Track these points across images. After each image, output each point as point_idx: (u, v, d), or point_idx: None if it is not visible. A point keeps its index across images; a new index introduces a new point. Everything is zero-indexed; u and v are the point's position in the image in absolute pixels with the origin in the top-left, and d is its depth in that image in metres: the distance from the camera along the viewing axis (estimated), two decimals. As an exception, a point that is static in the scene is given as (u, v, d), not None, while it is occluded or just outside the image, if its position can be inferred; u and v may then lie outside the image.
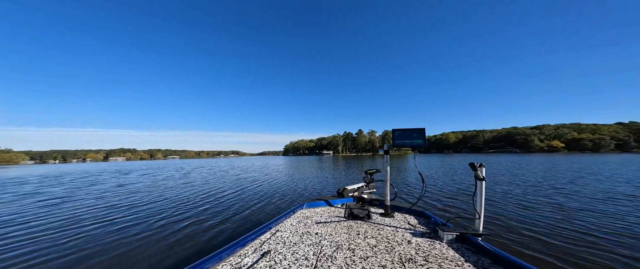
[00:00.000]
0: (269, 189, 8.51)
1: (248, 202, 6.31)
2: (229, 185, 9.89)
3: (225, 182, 11.08)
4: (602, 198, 5.74)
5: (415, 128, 2.21)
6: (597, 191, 6.55)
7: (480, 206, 1.76)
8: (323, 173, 14.19)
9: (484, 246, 1.58)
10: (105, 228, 4.32)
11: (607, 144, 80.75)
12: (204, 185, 10.07)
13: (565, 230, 3.59)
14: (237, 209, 5.48)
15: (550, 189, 7.11)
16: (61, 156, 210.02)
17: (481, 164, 1.76)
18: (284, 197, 6.79)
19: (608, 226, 3.74)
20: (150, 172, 18.93)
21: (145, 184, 11.09)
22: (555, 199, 5.77)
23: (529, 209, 4.83)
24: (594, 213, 4.46)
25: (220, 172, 17.01)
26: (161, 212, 5.45)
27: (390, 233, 1.94)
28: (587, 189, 6.96)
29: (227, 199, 6.90)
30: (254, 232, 1.90)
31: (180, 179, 12.79)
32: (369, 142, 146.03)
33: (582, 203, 5.33)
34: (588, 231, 3.50)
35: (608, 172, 11.49)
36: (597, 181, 8.59)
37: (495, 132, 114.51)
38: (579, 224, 3.86)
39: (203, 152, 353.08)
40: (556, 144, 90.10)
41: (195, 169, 21.80)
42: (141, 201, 6.90)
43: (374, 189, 3.29)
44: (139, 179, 13.74)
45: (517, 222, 4.05)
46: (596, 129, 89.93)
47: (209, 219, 4.70)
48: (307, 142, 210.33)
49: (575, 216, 4.33)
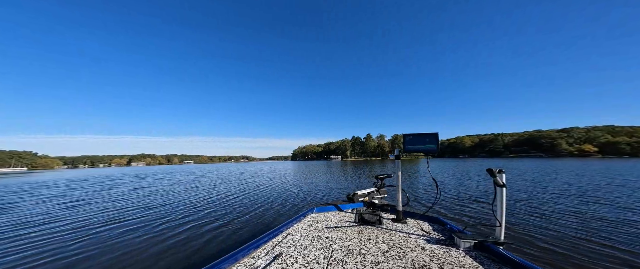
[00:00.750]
0: (272, 194, 8.47)
1: (249, 207, 6.25)
2: (234, 189, 10.09)
3: (231, 186, 11.31)
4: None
5: (427, 133, 2.12)
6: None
7: (501, 213, 1.68)
8: (329, 178, 13.89)
9: (506, 255, 1.49)
10: (114, 230, 4.46)
11: (649, 148, 72.22)
12: (211, 189, 10.34)
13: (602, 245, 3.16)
14: (238, 214, 5.49)
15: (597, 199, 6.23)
16: (90, 161, 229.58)
17: (500, 170, 1.69)
18: (285, 203, 6.63)
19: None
20: (165, 177, 19.76)
21: (158, 188, 11.50)
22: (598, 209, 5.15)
23: (563, 221, 4.31)
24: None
25: (229, 177, 17.45)
26: (165, 215, 5.53)
27: (402, 238, 1.90)
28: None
29: (230, 203, 6.92)
30: (266, 235, 1.91)
31: (191, 184, 13.08)
32: (378, 146, 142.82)
33: (619, 214, 4.69)
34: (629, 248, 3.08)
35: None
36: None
37: (517, 136, 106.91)
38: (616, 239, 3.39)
39: (215, 158, 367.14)
40: (588, 148, 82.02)
41: (206, 174, 22.66)
42: (152, 204, 7.07)
43: (385, 194, 3.24)
44: (153, 183, 14.23)
45: (543, 234, 3.60)
46: (633, 132, 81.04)
47: (208, 223, 4.71)
48: (315, 147, 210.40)
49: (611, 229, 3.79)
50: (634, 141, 76.12)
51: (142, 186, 12.54)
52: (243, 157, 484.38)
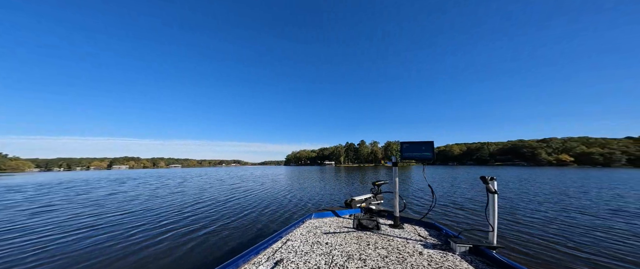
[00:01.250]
0: (261, 200, 8.23)
1: (236, 213, 6.04)
2: (221, 195, 9.73)
3: (218, 191, 10.89)
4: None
5: (423, 141, 2.16)
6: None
7: (493, 218, 1.75)
8: (322, 184, 13.55)
9: (499, 259, 1.56)
10: (84, 239, 4.16)
11: (618, 159, 77.90)
12: (198, 194, 9.92)
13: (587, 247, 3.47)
14: (225, 221, 5.30)
15: (574, 205, 6.82)
16: (66, 164, 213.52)
17: (492, 177, 1.76)
18: (277, 210, 6.44)
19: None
20: (149, 181, 18.75)
21: (138, 193, 10.87)
22: (573, 215, 5.55)
23: (546, 225, 4.64)
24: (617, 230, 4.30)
25: (217, 182, 16.81)
26: (144, 222, 5.24)
27: (400, 244, 1.94)
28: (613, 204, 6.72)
29: (217, 209, 6.66)
30: (266, 241, 1.91)
31: (175, 188, 12.55)
32: (371, 153, 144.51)
33: (599, 219, 5.12)
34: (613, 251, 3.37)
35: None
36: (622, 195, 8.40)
37: (501, 145, 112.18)
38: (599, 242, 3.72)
39: (205, 161, 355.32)
40: (565, 157, 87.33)
41: (193, 178, 21.89)
42: (131, 210, 6.70)
43: (382, 200, 3.28)
44: (134, 187, 13.43)
45: (531, 236, 3.89)
46: (606, 143, 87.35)
47: (192, 231, 4.51)
48: (309, 153, 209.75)
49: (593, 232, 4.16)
50: (606, 151, 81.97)
51: (121, 191, 11.79)
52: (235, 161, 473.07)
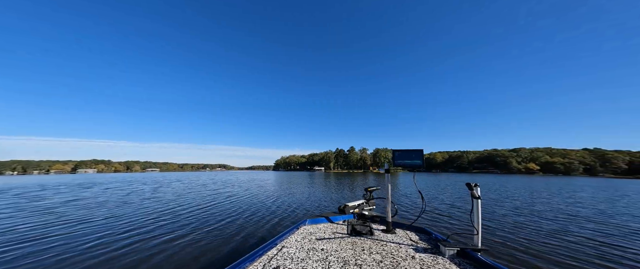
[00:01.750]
0: (246, 207, 7.68)
1: (211, 221, 5.57)
2: (199, 201, 9.02)
3: (197, 197, 10.12)
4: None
5: (414, 149, 2.33)
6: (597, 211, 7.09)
7: (477, 222, 1.87)
8: (311, 191, 12.96)
9: (484, 261, 1.67)
10: (18, 254, 3.57)
11: (576, 168, 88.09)
12: (171, 201, 9.07)
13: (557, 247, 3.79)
14: (198, 229, 4.87)
15: (542, 208, 7.51)
16: (21, 167, 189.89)
17: (476, 184, 1.90)
18: (261, 218, 5.96)
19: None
20: (120, 186, 16.86)
21: (103, 199, 9.68)
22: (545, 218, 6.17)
23: (520, 227, 5.07)
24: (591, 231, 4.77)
25: (197, 187, 15.83)
26: (99, 233, 4.72)
27: (394, 249, 2.01)
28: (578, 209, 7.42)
29: (189, 216, 6.14)
30: (261, 248, 1.94)
31: (150, 194, 11.52)
32: (360, 159, 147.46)
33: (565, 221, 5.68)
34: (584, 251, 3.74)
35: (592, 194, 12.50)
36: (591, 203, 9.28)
37: (478, 154, 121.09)
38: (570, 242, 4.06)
39: (187, 165, 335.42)
40: (532, 166, 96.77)
41: (171, 183, 20.44)
42: (91, 218, 5.94)
43: (374, 206, 3.42)
44: (101, 193, 12.12)
45: (509, 237, 4.25)
46: (566, 154, 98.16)
47: (167, 241, 4.11)
48: (298, 158, 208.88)
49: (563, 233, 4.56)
50: (566, 161, 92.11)
51: (84, 198, 10.36)
52: (220, 165, 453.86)
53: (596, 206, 8.57)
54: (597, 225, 5.57)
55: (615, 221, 6.00)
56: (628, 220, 6.18)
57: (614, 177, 66.25)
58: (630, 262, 3.38)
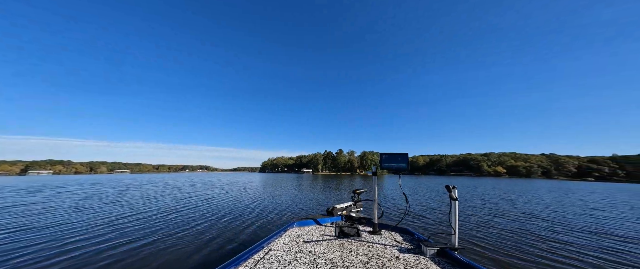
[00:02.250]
0: (221, 211, 7.07)
1: (183, 226, 5.18)
2: (169, 206, 8.24)
3: (171, 200, 9.49)
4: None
5: (399, 153, 2.43)
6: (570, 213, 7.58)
7: (455, 222, 1.98)
8: (296, 193, 12.48)
9: (460, 259, 1.79)
10: None
11: (535, 171, 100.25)
12: (139, 205, 8.31)
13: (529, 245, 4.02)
14: (160, 236, 4.50)
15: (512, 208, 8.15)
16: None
17: (454, 186, 2.01)
18: (240, 224, 5.53)
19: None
20: (79, 190, 15.12)
21: (55, 205, 8.57)
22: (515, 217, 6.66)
23: (489, 225, 5.41)
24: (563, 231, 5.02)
25: (172, 189, 15.02)
26: (39, 241, 4.23)
27: (379, 250, 2.09)
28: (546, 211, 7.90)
29: (158, 221, 5.70)
30: (247, 251, 1.93)
31: (113, 197, 10.61)
32: (348, 162, 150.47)
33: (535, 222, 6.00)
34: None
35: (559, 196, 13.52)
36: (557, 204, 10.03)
37: (455, 157, 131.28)
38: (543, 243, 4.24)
39: (163, 167, 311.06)
40: (500, 169, 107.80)
41: (142, 185, 19.00)
42: (27, 226, 5.38)
43: (362, 208, 3.53)
44: (52, 198, 10.80)
45: (480, 236, 4.49)
46: (527, 158, 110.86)
47: (113, 249, 3.80)
48: (286, 160, 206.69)
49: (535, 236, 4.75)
50: (527, 165, 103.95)
51: (30, 202, 9.11)
52: (201, 167, 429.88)
53: (551, 206, 9.56)
54: (549, 223, 6.26)
55: (566, 221, 6.58)
56: (575, 220, 6.79)
57: (565, 180, 77.21)
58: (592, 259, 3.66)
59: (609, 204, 10.76)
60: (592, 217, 7.25)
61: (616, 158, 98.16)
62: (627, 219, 7.07)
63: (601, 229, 5.62)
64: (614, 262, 3.62)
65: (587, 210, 8.65)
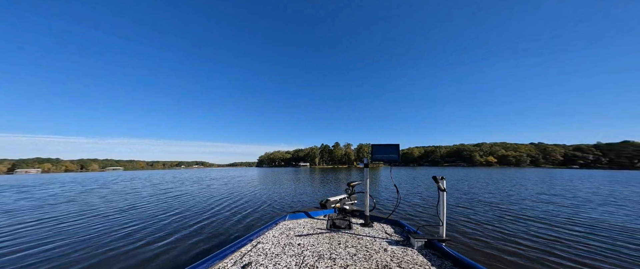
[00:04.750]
0: (193, 213, 6.46)
1: (106, 232, 4.78)
2: (121, 205, 7.91)
3: (129, 199, 9.33)
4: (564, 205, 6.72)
5: (391, 144, 2.39)
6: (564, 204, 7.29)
7: (442, 214, 1.97)
8: (289, 189, 12.04)
9: (446, 251, 1.79)
10: None
11: (524, 160, 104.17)
12: (83, 208, 7.75)
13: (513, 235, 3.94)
14: (129, 234, 4.42)
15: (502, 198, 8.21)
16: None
17: (442, 177, 1.99)
18: (221, 224, 5.18)
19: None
20: (58, 188, 15.10)
21: (24, 204, 8.54)
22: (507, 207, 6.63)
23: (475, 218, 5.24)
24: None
25: (147, 186, 15.04)
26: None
27: (368, 242, 2.09)
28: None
29: (118, 224, 5.45)
30: (233, 244, 1.90)
31: (64, 198, 10.12)
32: (345, 155, 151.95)
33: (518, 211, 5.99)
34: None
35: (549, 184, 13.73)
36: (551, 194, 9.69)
37: (449, 149, 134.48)
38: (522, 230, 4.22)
39: (157, 163, 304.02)
40: (491, 159, 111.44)
41: (119, 183, 18.85)
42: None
43: (355, 200, 3.49)
44: (32, 194, 11.16)
45: (468, 227, 4.38)
46: (517, 148, 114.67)
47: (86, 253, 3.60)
48: (283, 154, 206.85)
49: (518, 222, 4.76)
50: (517, 154, 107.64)
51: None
52: (197, 163, 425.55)
53: (538, 196, 9.53)
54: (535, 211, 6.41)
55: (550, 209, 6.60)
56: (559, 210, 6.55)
57: (552, 168, 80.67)
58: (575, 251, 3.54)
59: (594, 192, 10.70)
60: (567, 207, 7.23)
61: (600, 146, 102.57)
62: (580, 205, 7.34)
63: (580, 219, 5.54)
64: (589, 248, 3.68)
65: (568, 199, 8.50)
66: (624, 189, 11.46)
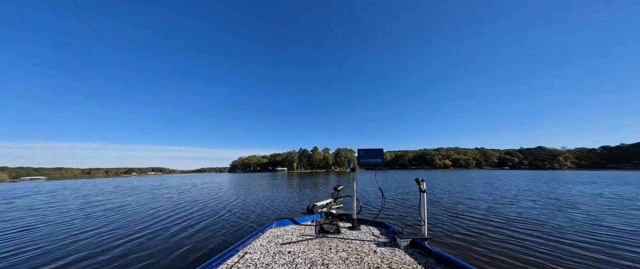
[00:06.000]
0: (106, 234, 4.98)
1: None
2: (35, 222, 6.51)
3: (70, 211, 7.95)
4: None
5: (376, 148, 2.56)
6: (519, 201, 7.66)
7: (424, 213, 2.14)
8: (265, 194, 11.12)
9: (429, 249, 1.93)
10: None
11: (471, 163, 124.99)
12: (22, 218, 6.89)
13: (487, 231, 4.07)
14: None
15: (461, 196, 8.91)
16: None
17: (423, 179, 2.17)
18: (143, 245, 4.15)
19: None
20: None
21: None
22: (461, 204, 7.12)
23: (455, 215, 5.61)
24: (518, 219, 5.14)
25: (62, 200, 11.99)
26: None
27: (358, 245, 2.15)
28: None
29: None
30: (218, 257, 1.82)
31: None
32: (323, 159, 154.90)
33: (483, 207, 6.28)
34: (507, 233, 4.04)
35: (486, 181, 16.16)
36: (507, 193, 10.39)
37: (415, 153, 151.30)
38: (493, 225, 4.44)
39: (98, 170, 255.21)
40: (447, 162, 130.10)
41: (50, 193, 16.21)
42: None
43: (342, 204, 3.57)
44: None
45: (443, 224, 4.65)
46: (466, 152, 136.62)
47: None
48: (259, 159, 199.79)
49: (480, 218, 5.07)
50: (466, 157, 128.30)
51: None
52: (154, 169, 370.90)
53: (482, 195, 10.24)
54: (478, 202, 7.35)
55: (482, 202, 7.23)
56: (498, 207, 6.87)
57: (490, 169, 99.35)
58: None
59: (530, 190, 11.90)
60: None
61: (522, 151, 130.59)
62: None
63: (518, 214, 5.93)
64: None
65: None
66: (539, 186, 13.62)
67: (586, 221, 4.85)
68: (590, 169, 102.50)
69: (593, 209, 6.07)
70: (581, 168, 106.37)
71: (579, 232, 4.06)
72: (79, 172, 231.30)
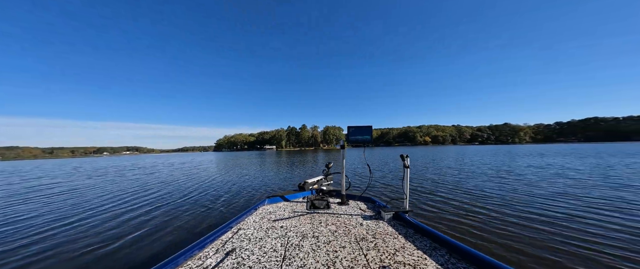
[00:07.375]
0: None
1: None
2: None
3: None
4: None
5: (365, 126, 2.62)
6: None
7: (406, 188, 2.32)
8: (247, 176, 9.67)
9: (409, 220, 2.12)
10: None
11: (448, 139, 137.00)
12: None
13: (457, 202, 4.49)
14: None
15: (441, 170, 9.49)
16: None
17: (407, 155, 2.30)
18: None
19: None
20: None
21: None
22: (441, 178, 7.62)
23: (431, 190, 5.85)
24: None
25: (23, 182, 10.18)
26: None
27: (346, 219, 2.32)
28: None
29: None
30: (213, 233, 1.91)
31: None
32: (311, 137, 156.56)
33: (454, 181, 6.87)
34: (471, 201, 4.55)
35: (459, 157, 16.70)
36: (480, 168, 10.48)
37: (398, 131, 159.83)
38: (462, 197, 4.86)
39: (63, 150, 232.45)
40: (427, 139, 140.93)
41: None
42: None
43: (332, 181, 3.73)
44: None
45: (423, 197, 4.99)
46: (444, 129, 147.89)
47: None
48: (246, 137, 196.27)
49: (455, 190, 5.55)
50: (443, 134, 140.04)
51: None
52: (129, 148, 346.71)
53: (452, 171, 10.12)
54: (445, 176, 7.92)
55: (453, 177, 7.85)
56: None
57: (464, 145, 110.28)
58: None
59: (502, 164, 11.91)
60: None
61: (491, 127, 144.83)
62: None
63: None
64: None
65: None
66: (496, 159, 15.04)
67: (523, 190, 5.69)
68: (543, 142, 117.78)
69: (531, 179, 7.06)
70: (537, 142, 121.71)
71: (516, 198, 4.91)
72: (39, 152, 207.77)
